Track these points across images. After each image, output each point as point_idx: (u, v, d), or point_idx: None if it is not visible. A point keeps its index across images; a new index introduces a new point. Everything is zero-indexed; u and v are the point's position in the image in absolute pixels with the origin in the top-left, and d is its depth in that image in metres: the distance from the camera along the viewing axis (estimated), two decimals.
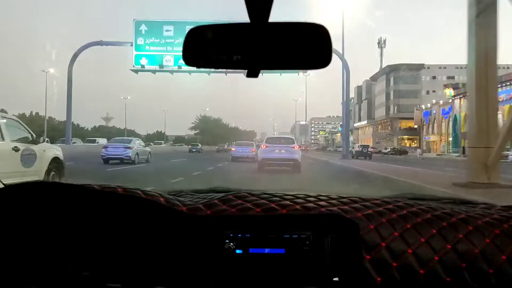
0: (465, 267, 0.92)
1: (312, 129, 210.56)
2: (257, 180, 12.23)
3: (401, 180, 11.42)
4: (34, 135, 7.55)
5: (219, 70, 1.93)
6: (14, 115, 8.90)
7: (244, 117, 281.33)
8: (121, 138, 21.95)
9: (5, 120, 6.86)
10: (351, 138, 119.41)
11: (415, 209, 1.05)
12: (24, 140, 7.13)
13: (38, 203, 1.00)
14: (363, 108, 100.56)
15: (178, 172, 13.92)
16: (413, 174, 13.79)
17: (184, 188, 1.31)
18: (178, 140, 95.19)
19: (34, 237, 1.01)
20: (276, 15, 0.74)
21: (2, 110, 24.91)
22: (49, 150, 7.90)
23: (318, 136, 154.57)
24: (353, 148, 46.00)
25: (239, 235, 1.02)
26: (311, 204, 1.04)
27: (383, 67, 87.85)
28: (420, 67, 78.77)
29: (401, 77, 78.80)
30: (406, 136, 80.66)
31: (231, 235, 1.02)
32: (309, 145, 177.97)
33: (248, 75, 0.80)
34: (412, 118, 73.61)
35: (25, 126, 7.63)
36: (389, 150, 66.17)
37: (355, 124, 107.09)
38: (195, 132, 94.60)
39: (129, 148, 18.25)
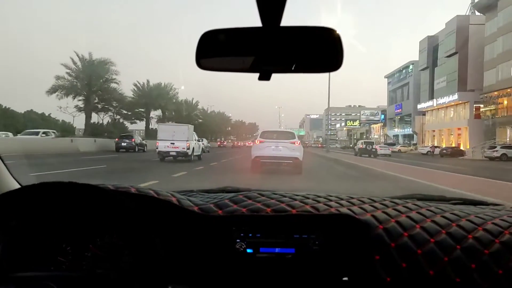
0: (475, 268, 0.92)
1: (328, 121, 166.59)
2: None
3: None
4: (196, 137, 19.36)
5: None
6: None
7: (243, 107, 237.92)
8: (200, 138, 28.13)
9: (193, 131, 18.90)
10: (403, 131, 73.09)
11: (424, 210, 1.06)
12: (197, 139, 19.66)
13: (55, 202, 1.03)
14: (444, 71, 53.71)
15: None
16: None
17: (195, 188, 1.35)
18: (153, 133, 51.86)
19: (50, 234, 1.04)
20: (288, 19, 0.71)
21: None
22: (201, 144, 20.09)
23: (344, 129, 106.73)
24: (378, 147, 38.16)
25: (250, 235, 1.04)
26: (320, 205, 1.06)
27: None
28: None
29: None
30: None
31: (242, 234, 1.04)
32: (325, 142, 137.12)
33: (260, 78, 0.80)
34: None
35: (194, 133, 19.40)
36: None
37: (421, 106, 60.24)
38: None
39: (203, 144, 24.86)
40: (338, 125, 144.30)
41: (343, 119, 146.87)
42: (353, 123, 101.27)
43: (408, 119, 70.97)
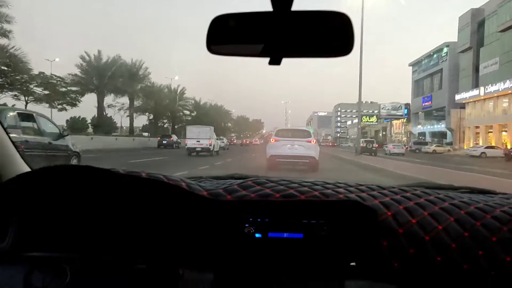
0: (482, 255, 0.93)
1: (338, 118, 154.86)
2: None
3: None
4: (216, 136, 24.86)
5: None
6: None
7: (247, 104, 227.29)
8: (219, 137, 33.28)
9: (213, 131, 24.10)
10: (431, 128, 60.46)
11: (432, 197, 1.06)
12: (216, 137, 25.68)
13: (67, 185, 1.05)
14: (496, 51, 42.00)
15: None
16: None
17: (204, 175, 1.34)
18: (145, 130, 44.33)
19: (61, 217, 1.05)
20: (299, 3, 0.73)
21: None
22: (219, 142, 25.51)
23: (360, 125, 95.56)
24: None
25: (259, 220, 1.05)
26: (329, 191, 1.06)
27: None
28: None
29: None
30: None
31: (251, 219, 1.05)
32: (335, 141, 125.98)
33: (271, 63, 0.80)
34: None
35: (214, 133, 23.51)
36: None
37: (460, 96, 48.72)
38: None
39: (223, 142, 33.41)
40: (349, 122, 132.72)
41: (354, 116, 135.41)
42: (369, 119, 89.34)
43: (437, 114, 59.43)
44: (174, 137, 33.48)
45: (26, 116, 8.43)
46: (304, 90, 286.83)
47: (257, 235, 1.04)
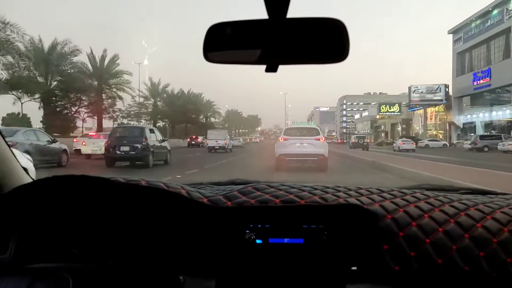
0: (483, 256, 0.93)
1: (344, 112, 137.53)
2: None
3: None
4: (229, 137, 33.09)
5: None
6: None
7: (242, 99, 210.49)
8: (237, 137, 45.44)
9: (228, 134, 33.31)
10: (487, 117, 41.65)
11: (432, 199, 1.07)
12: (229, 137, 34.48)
13: (67, 195, 1.07)
14: None
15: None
16: None
17: (204, 181, 1.36)
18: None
19: (63, 227, 1.07)
20: (294, 11, 0.73)
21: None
22: (234, 141, 39.31)
23: (378, 116, 76.55)
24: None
25: (259, 226, 1.06)
26: (329, 195, 1.07)
27: None
28: None
29: None
30: None
31: (251, 225, 1.06)
32: (341, 137, 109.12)
33: (267, 70, 0.81)
34: None
35: (229, 134, 35.94)
36: None
37: None
38: None
39: (239, 141, 45.65)
40: (357, 116, 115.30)
41: (361, 108, 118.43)
42: (389, 108, 71.44)
43: (491, 97, 42.08)
44: (200, 138, 39.46)
45: (151, 130, 14.95)
46: (304, 85, 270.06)
47: (257, 241, 1.04)
